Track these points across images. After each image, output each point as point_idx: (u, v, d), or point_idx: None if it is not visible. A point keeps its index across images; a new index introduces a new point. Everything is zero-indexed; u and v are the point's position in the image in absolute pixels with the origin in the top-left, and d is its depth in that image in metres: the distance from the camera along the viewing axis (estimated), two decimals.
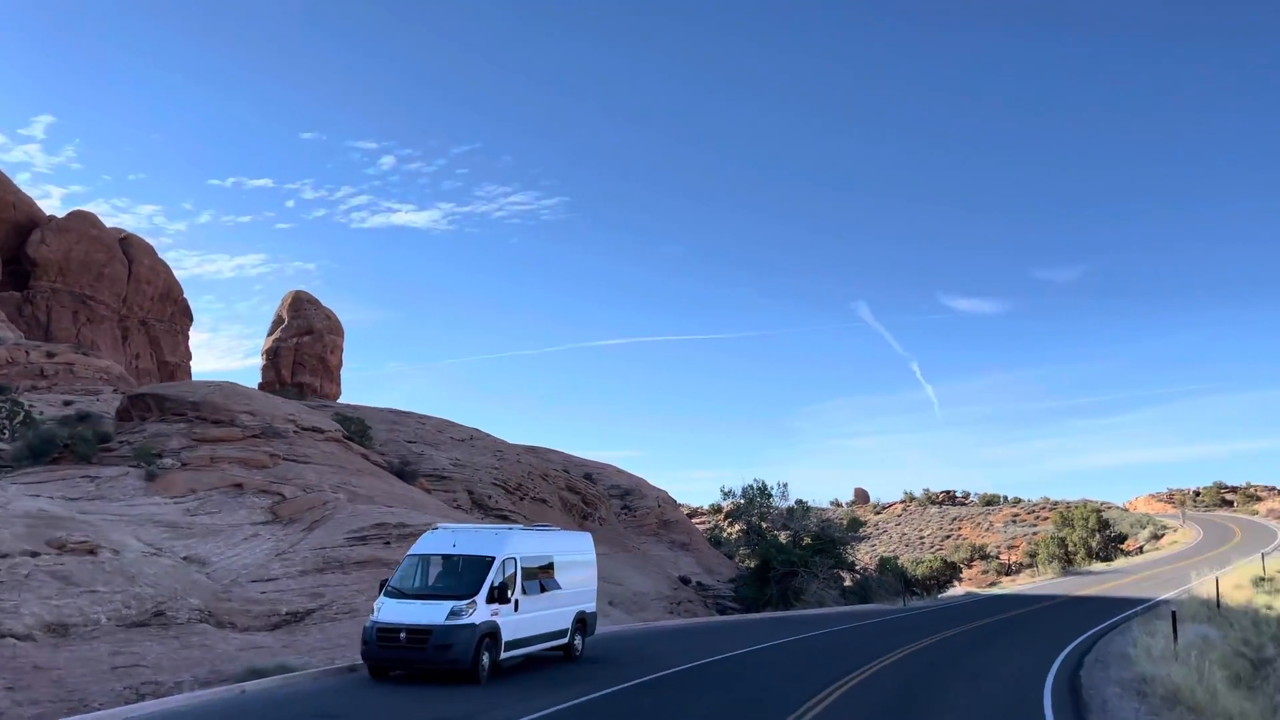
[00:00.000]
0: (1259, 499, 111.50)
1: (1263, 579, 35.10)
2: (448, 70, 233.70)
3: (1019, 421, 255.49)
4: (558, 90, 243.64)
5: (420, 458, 46.15)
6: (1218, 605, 26.50)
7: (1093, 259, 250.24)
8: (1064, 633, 26.23)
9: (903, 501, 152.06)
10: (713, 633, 27.06)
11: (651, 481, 68.88)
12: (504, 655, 16.21)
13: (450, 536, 17.28)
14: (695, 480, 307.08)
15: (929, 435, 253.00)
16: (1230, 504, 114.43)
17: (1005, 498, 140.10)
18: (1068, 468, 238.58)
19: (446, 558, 16.80)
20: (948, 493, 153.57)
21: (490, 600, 15.61)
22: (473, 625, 15.15)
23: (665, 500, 67.08)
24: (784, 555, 45.00)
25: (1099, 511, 76.80)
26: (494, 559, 16.15)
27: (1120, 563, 56.68)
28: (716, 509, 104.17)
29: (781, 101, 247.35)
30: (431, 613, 15.22)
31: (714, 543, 62.39)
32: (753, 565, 49.06)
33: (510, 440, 57.02)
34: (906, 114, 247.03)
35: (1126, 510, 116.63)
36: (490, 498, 45.90)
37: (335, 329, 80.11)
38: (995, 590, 43.01)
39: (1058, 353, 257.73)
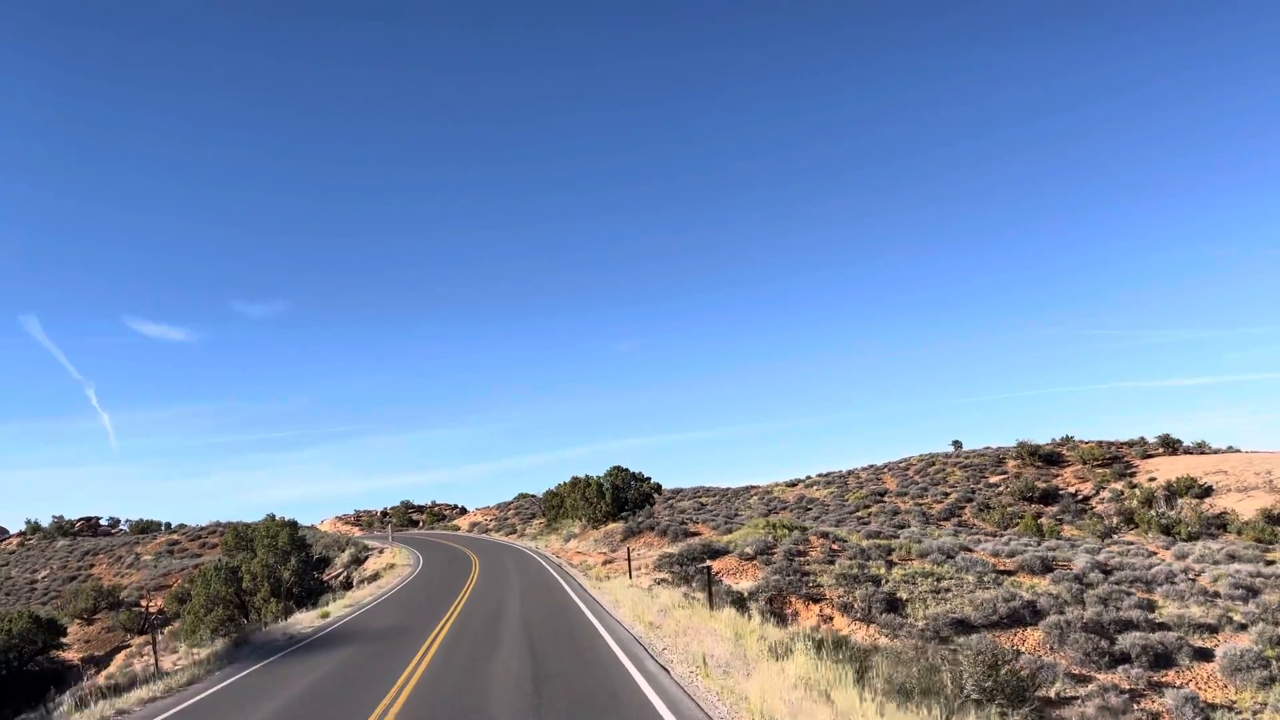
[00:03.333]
0: (445, 516, 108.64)
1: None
2: None
3: (207, 454, 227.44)
4: None
5: None
6: None
7: (293, 297, 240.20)
8: None
9: (22, 534, 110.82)
10: None
11: None
12: None
13: None
14: None
15: (103, 468, 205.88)
16: (417, 523, 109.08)
17: (166, 524, 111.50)
18: (252, 501, 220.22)
19: None
20: (89, 520, 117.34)
21: None
22: None
23: None
24: None
25: (293, 526, 55.39)
26: None
27: (338, 608, 36.41)
28: None
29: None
30: None
31: None
32: None
33: None
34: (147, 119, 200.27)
35: (317, 529, 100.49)
36: None
37: None
38: None
39: (250, 388, 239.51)
